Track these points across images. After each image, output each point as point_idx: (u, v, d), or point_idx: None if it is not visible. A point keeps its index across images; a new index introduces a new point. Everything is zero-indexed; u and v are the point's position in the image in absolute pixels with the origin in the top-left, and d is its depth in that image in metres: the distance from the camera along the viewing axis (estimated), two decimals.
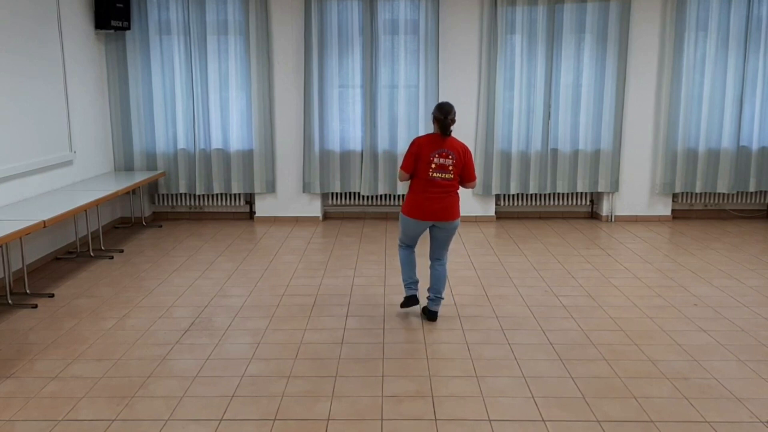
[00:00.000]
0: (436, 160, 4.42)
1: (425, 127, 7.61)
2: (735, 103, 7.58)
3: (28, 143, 5.83)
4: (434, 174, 4.42)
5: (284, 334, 4.43)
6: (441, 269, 4.62)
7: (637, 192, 7.94)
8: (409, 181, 4.59)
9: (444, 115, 4.43)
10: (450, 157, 4.43)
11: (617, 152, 7.74)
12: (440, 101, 4.85)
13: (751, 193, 8.05)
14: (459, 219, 4.53)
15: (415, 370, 3.85)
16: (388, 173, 7.74)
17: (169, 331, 4.48)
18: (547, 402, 3.48)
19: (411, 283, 4.74)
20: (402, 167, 4.52)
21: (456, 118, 4.53)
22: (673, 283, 5.53)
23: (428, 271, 4.80)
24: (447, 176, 4.43)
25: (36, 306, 4.99)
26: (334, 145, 7.75)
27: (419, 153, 4.44)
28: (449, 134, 4.48)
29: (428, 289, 4.70)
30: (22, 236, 4.72)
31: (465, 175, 4.51)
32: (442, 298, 4.69)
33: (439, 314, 4.71)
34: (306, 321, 4.66)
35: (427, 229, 4.59)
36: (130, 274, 5.82)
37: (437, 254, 4.64)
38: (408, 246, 4.74)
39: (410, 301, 4.73)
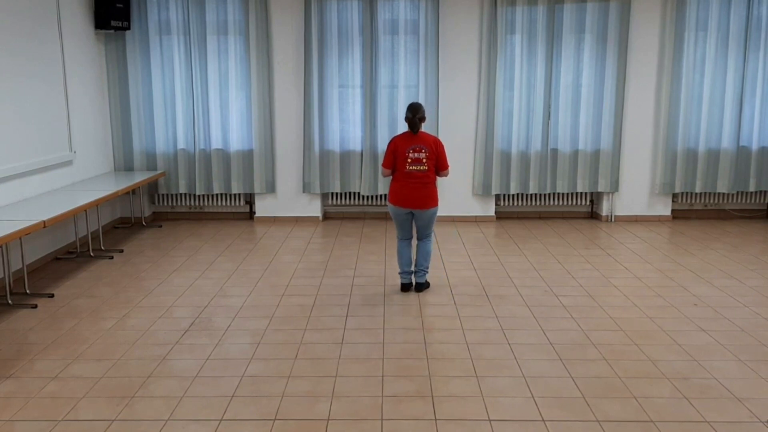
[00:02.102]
0: (411, 155, 4.99)
1: (424, 126, 7.57)
2: (735, 103, 7.58)
3: (28, 143, 5.84)
4: (410, 167, 4.99)
5: (284, 334, 4.43)
6: (424, 246, 5.20)
7: (636, 192, 7.94)
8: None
9: (413, 114, 4.98)
10: (423, 151, 4.99)
11: (617, 152, 7.74)
12: (411, 102, 5.31)
13: (751, 193, 8.05)
14: (436, 207, 5.10)
15: (415, 370, 3.85)
16: None
17: (169, 331, 4.48)
18: (547, 402, 3.48)
19: (403, 273, 5.27)
20: (383, 164, 5.12)
21: (425, 116, 5.06)
22: (673, 283, 5.53)
23: (415, 251, 5.37)
24: (422, 168, 5.00)
25: (36, 306, 4.99)
26: (334, 145, 7.75)
27: (396, 150, 5.03)
28: (417, 131, 5.02)
29: (414, 264, 5.27)
30: (22, 236, 4.72)
31: (439, 164, 5.07)
32: (426, 271, 5.25)
33: (429, 286, 5.33)
34: (306, 321, 4.66)
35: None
36: (130, 274, 5.82)
37: (421, 235, 5.22)
38: (403, 238, 5.24)
39: (406, 288, 5.28)
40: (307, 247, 6.78)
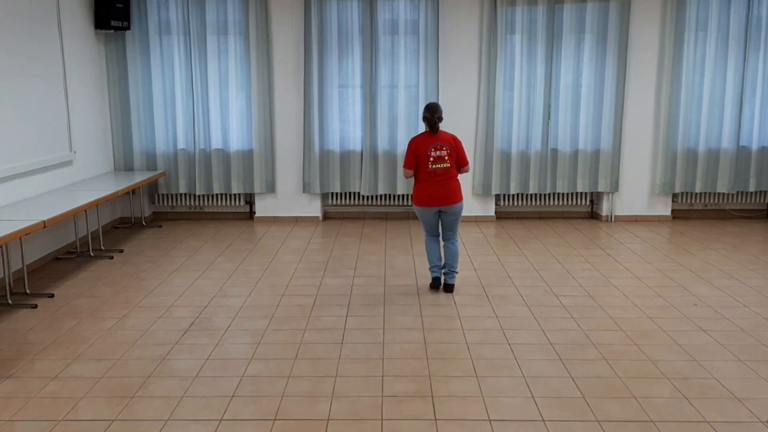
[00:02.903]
0: (433, 153, 5.07)
1: (424, 126, 7.59)
2: (735, 103, 7.58)
3: (28, 143, 5.84)
4: (434, 166, 5.07)
5: (284, 334, 4.43)
6: (452, 247, 5.25)
7: (636, 192, 7.94)
8: (413, 177, 5.24)
9: (431, 113, 5.08)
10: (444, 149, 5.09)
11: (617, 152, 7.74)
12: (428, 102, 5.36)
13: (751, 193, 8.05)
14: (462, 201, 5.15)
15: (415, 370, 3.85)
16: (387, 173, 7.74)
17: (169, 331, 4.48)
18: (547, 402, 3.48)
19: (434, 267, 5.35)
20: (405, 166, 5.19)
21: (443, 115, 5.16)
22: (673, 283, 5.53)
23: (443, 253, 5.37)
24: (445, 165, 5.09)
25: (36, 306, 4.99)
26: (334, 145, 7.75)
27: (417, 151, 5.10)
28: (437, 131, 5.11)
29: (443, 265, 5.33)
30: (22, 236, 4.72)
31: (459, 161, 5.16)
32: (456, 272, 5.31)
33: (455, 287, 5.34)
34: (306, 321, 4.66)
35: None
36: (130, 274, 5.82)
37: (446, 236, 5.27)
38: (430, 234, 5.32)
39: (436, 282, 5.36)
40: (307, 247, 6.78)
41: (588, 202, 8.17)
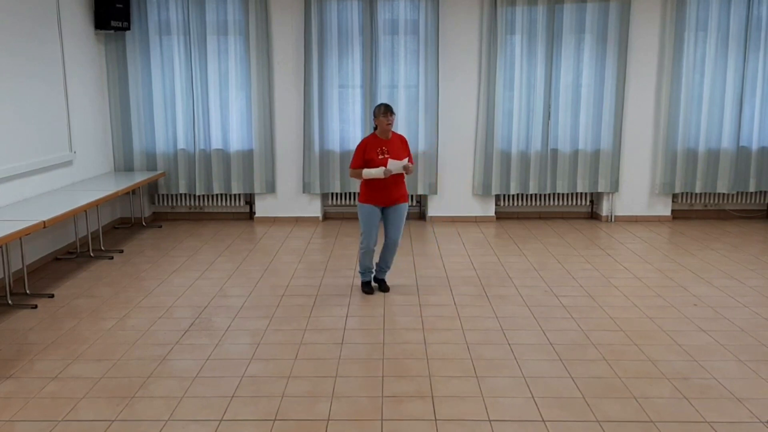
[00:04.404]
0: None
1: (425, 126, 7.62)
2: (735, 103, 7.58)
3: (28, 143, 5.84)
4: None
5: (284, 334, 4.43)
6: None
7: (636, 192, 7.94)
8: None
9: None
10: None
11: (617, 152, 7.74)
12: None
13: (751, 193, 8.05)
14: (359, 203, 5.13)
15: (415, 370, 3.85)
16: None
17: (169, 331, 4.48)
18: (547, 402, 3.48)
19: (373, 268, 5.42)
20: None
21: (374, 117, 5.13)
22: (673, 283, 5.52)
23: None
24: None
25: (36, 306, 4.99)
26: (334, 145, 7.75)
27: None
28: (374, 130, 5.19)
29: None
30: (22, 236, 4.72)
31: None
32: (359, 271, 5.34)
33: (389, 285, 5.39)
34: (306, 321, 4.66)
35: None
36: (130, 274, 5.82)
37: None
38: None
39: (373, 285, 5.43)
40: (307, 247, 6.78)
41: (588, 203, 8.17)
